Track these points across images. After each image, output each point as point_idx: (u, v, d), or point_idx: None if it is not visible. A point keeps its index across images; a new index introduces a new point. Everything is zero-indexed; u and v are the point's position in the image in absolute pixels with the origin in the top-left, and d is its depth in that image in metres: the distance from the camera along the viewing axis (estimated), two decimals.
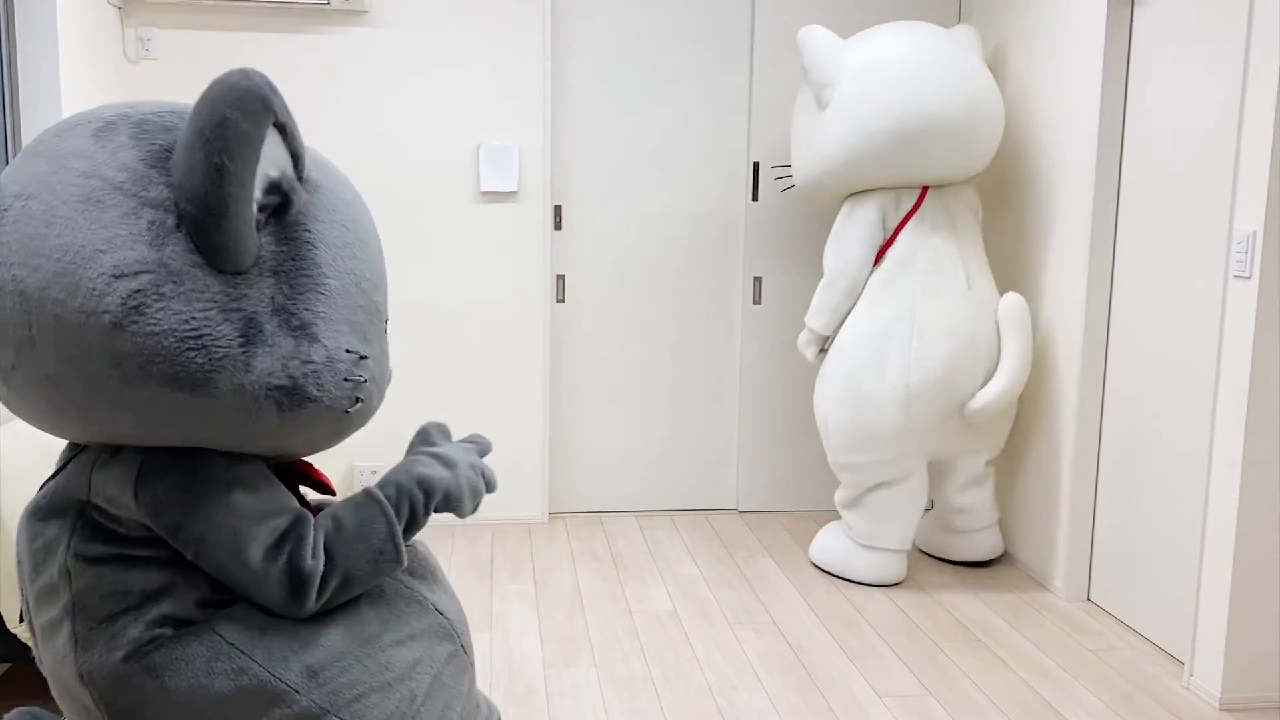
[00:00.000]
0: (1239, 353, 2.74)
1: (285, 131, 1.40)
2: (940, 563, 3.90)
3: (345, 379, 1.46)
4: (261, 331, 1.38)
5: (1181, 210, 3.11)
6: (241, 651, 1.43)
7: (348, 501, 1.52)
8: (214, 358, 1.35)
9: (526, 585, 3.63)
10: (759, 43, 4.23)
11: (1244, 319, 2.73)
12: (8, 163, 3.30)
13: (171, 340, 1.34)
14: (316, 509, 1.77)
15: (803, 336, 3.76)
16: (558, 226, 4.26)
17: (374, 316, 1.53)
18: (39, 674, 2.83)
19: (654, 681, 2.91)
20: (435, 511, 1.56)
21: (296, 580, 1.42)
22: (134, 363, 1.34)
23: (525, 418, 4.26)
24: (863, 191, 3.63)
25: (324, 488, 1.69)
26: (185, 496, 1.43)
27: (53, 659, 1.49)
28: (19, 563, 1.54)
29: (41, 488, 1.56)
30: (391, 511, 1.50)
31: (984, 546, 3.84)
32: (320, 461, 3.41)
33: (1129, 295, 3.35)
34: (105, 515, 1.47)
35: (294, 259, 1.43)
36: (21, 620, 1.59)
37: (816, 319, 3.67)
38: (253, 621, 1.46)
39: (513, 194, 4.13)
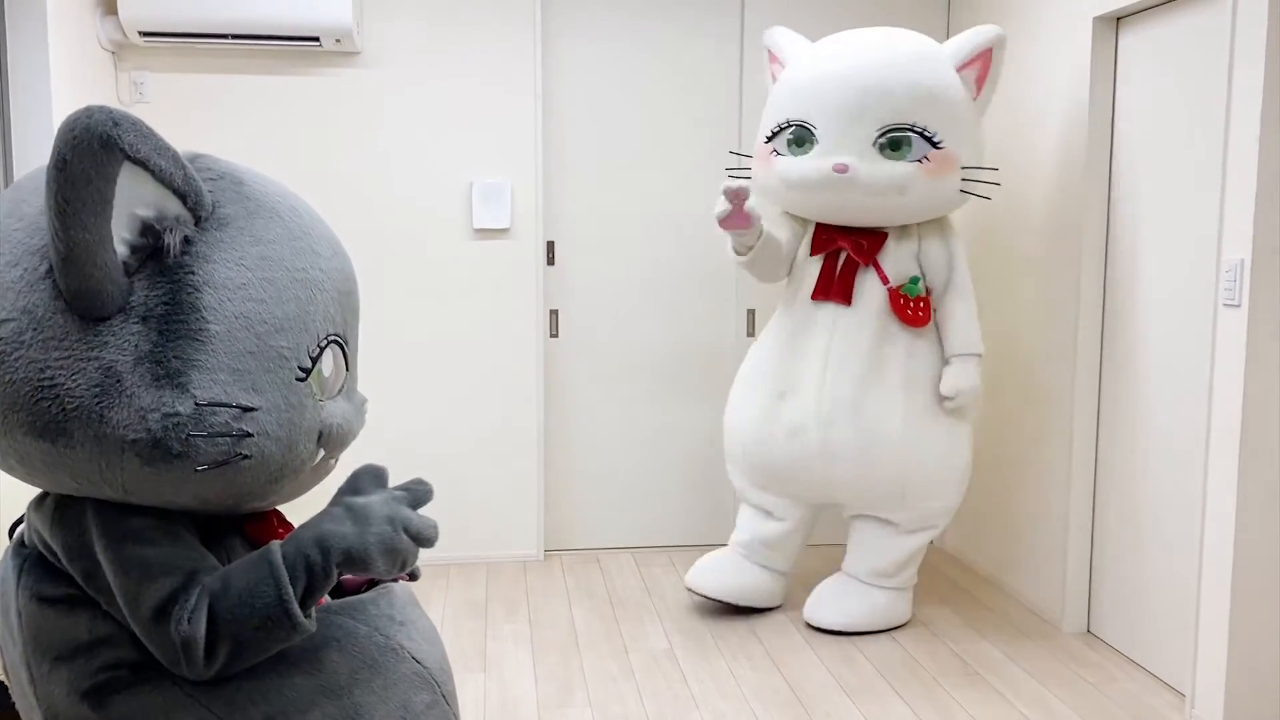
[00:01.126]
0: (1231, 380, 2.73)
1: (149, 167, 1.32)
2: (930, 597, 3.87)
3: (218, 434, 1.34)
4: (120, 382, 1.31)
5: (1170, 239, 3.12)
6: (200, 703, 1.39)
7: (245, 560, 1.40)
8: (67, 408, 1.31)
9: (521, 625, 3.60)
10: (748, 76, 4.26)
11: (1234, 347, 2.72)
12: None
13: (27, 389, 1.32)
14: None
15: (977, 370, 3.38)
16: (551, 262, 4.27)
17: (270, 364, 1.40)
18: None
19: None
20: (341, 571, 1.40)
21: (181, 645, 1.33)
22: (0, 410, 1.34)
23: (520, 454, 4.24)
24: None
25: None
26: (86, 547, 1.39)
27: (23, 705, 1.47)
28: None
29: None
30: (284, 575, 1.36)
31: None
32: (309, 507, 3.39)
33: (1121, 325, 3.35)
34: (52, 553, 1.46)
35: (169, 303, 1.35)
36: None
37: (982, 344, 3.43)
38: None
39: (505, 230, 4.14)
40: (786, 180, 3.28)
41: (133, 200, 1.33)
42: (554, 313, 4.29)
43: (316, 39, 3.81)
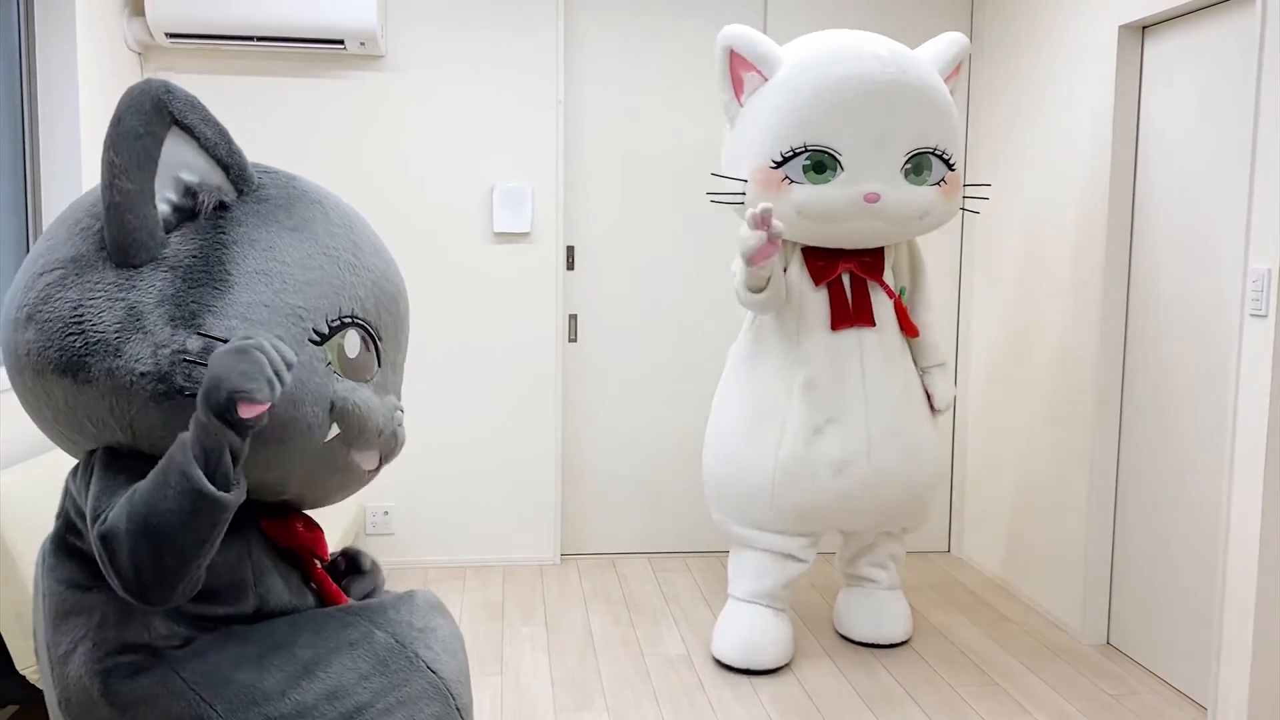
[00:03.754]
0: (1256, 391, 2.71)
1: (194, 134, 1.44)
2: (949, 607, 3.85)
3: None
4: (140, 320, 1.40)
5: (1195, 248, 3.10)
6: (201, 698, 1.39)
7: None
8: (89, 342, 1.40)
9: (538, 628, 3.59)
10: None
11: (1261, 357, 2.70)
12: (28, 206, 3.34)
13: (59, 325, 1.42)
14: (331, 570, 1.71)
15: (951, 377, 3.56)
16: (570, 267, 4.27)
17: (283, 318, 1.44)
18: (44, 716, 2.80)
19: None
20: (233, 418, 1.30)
21: (99, 541, 1.31)
22: (35, 350, 1.43)
23: (537, 458, 4.24)
24: None
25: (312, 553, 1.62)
26: (98, 485, 1.43)
27: (46, 687, 1.49)
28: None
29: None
30: (188, 449, 1.30)
31: None
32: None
33: (1144, 334, 3.33)
34: (72, 530, 1.48)
35: (197, 255, 1.44)
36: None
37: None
38: (218, 663, 1.41)
39: (526, 235, 4.15)
40: (806, 210, 3.03)
41: (178, 164, 1.45)
42: (573, 317, 4.29)
43: (341, 42, 3.83)
